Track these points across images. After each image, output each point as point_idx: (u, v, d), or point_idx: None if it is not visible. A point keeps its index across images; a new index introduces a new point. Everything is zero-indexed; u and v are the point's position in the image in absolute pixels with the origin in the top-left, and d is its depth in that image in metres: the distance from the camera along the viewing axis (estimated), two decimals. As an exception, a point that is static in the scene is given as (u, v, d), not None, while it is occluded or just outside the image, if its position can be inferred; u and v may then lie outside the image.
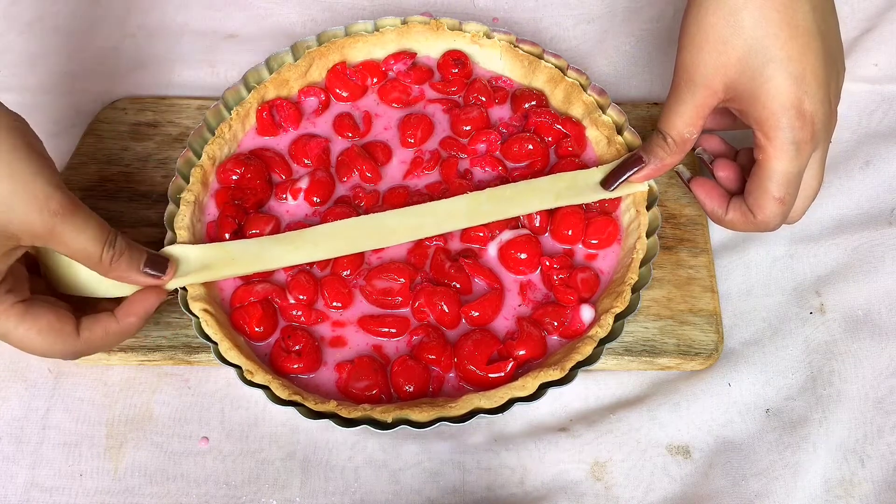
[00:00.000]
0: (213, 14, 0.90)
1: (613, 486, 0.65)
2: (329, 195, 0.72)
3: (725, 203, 0.66)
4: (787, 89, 0.58)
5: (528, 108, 0.76)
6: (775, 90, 0.59)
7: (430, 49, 0.80)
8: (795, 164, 0.60)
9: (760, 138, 0.61)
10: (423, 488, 0.65)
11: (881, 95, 0.83)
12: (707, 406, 0.68)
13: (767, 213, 0.62)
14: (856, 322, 0.71)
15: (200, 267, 0.65)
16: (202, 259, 0.66)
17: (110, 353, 0.68)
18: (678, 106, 0.63)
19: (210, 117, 0.74)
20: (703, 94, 0.62)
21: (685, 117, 0.63)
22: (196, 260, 0.66)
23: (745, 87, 0.60)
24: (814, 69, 0.59)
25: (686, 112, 0.63)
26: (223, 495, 0.64)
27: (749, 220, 0.64)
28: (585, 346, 0.62)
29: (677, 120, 0.64)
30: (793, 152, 0.60)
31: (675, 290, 0.71)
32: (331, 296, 0.66)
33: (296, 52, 0.78)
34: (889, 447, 0.66)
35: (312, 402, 0.60)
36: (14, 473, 0.65)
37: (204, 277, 0.65)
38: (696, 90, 0.62)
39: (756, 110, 0.60)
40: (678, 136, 0.64)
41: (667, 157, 0.66)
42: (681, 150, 0.65)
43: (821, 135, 0.61)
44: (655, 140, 0.66)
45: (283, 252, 0.67)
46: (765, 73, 0.59)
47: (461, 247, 0.70)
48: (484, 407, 0.61)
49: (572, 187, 0.70)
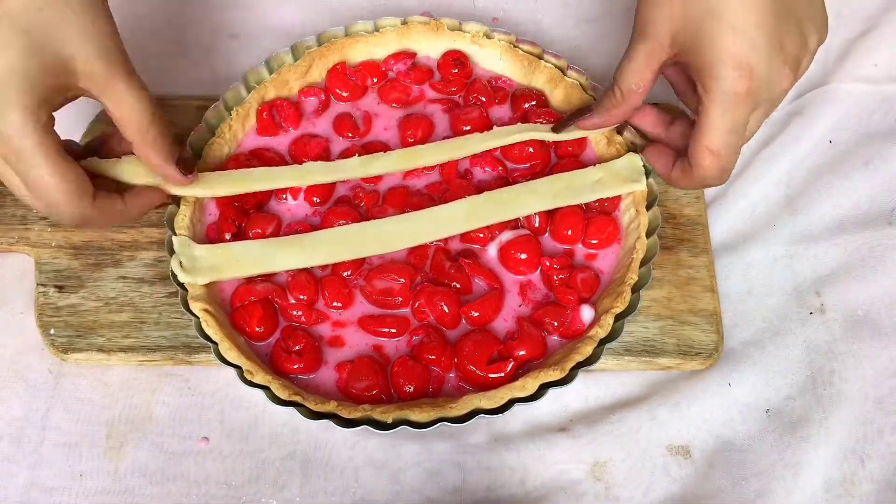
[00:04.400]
0: (213, 14, 0.90)
1: (613, 486, 0.65)
2: (329, 195, 0.72)
3: (672, 161, 0.66)
4: (724, 39, 0.57)
5: (527, 108, 0.76)
6: (712, 39, 0.57)
7: (430, 49, 0.80)
8: (730, 117, 0.58)
9: (699, 90, 0.60)
10: (423, 488, 0.65)
11: (881, 95, 0.83)
12: (707, 406, 0.68)
13: (704, 166, 0.61)
14: (856, 322, 0.71)
15: (207, 267, 0.66)
16: (208, 259, 0.66)
17: (110, 354, 0.68)
18: (628, 59, 0.63)
19: (210, 117, 0.74)
20: (650, 46, 0.61)
21: (634, 67, 0.63)
22: (202, 259, 0.66)
23: (687, 38, 0.59)
24: (759, 21, 0.57)
25: (635, 62, 0.63)
26: (223, 495, 0.64)
27: (688, 175, 0.64)
28: (585, 347, 0.62)
29: (627, 73, 0.63)
30: (728, 104, 0.58)
31: (675, 290, 0.71)
32: (331, 296, 0.66)
33: (296, 52, 0.78)
34: (889, 447, 0.66)
35: (312, 402, 0.60)
36: (14, 473, 0.65)
37: (211, 277, 0.65)
38: (645, 42, 0.61)
39: (695, 60, 0.59)
40: (626, 87, 0.64)
41: (612, 108, 0.66)
42: (627, 103, 0.65)
43: (762, 90, 0.58)
44: (605, 91, 0.67)
45: (286, 255, 0.67)
46: (705, 23, 0.57)
47: (461, 247, 0.70)
48: (484, 407, 0.61)
49: (570, 187, 0.70)
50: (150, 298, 0.70)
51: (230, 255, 0.67)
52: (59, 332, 0.68)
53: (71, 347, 0.68)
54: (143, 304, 0.70)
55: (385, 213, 0.70)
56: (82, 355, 0.68)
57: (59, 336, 0.68)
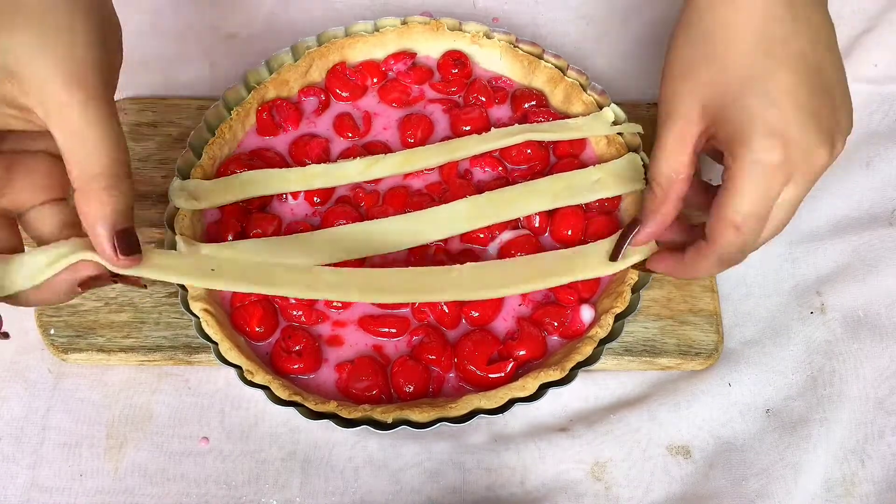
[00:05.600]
0: (213, 14, 0.90)
1: (613, 486, 0.65)
2: (329, 195, 0.72)
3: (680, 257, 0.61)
4: (757, 105, 0.53)
5: (527, 108, 0.76)
6: (744, 105, 0.54)
7: (430, 49, 0.80)
8: (759, 188, 0.54)
9: (727, 158, 0.55)
10: (423, 488, 0.65)
11: (881, 95, 0.83)
12: (707, 406, 0.68)
13: (722, 240, 0.56)
14: (856, 322, 0.71)
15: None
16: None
17: (110, 354, 0.68)
18: (660, 147, 0.58)
19: (210, 117, 0.74)
20: (680, 126, 0.57)
21: (667, 154, 0.58)
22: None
23: (717, 108, 0.55)
24: (796, 93, 0.53)
25: (667, 149, 0.58)
26: (223, 495, 0.64)
27: (702, 254, 0.58)
28: (585, 347, 0.62)
29: (661, 162, 0.58)
30: (758, 173, 0.53)
31: (675, 290, 0.71)
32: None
33: (296, 52, 0.78)
34: (890, 447, 0.66)
35: (312, 402, 0.60)
36: (14, 473, 0.65)
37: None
38: (675, 123, 0.57)
39: (724, 129, 0.55)
40: (665, 179, 0.58)
41: (659, 207, 0.59)
42: (672, 195, 0.59)
43: (797, 163, 0.54)
44: (645, 193, 0.61)
45: (287, 256, 0.67)
46: (735, 87, 0.54)
47: (461, 247, 0.70)
48: (484, 407, 0.61)
49: (571, 187, 0.70)
50: (150, 298, 0.70)
51: (232, 254, 0.66)
52: (59, 332, 0.68)
53: (71, 347, 0.68)
54: (143, 304, 0.70)
55: (385, 213, 0.70)
56: (82, 355, 0.68)
57: (59, 336, 0.68)
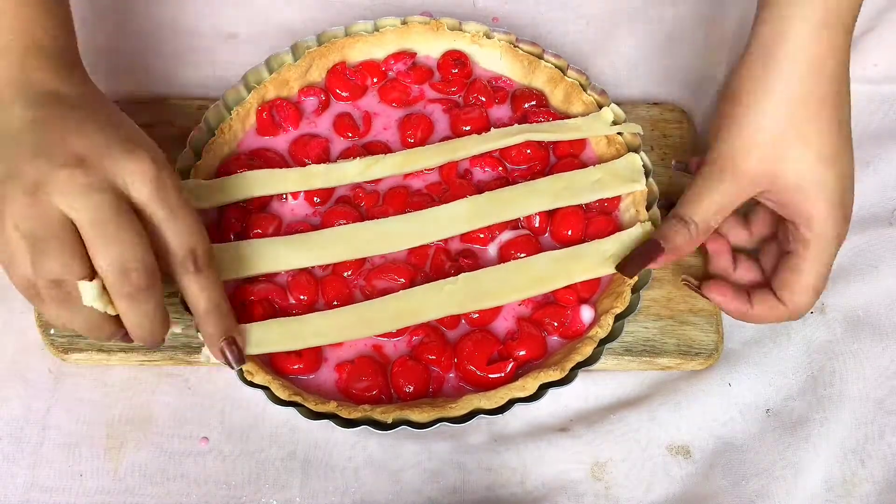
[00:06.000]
0: (213, 14, 0.90)
1: (613, 486, 0.65)
2: (329, 195, 0.72)
3: (745, 298, 0.65)
4: (835, 186, 0.59)
5: (527, 108, 0.76)
6: (823, 186, 0.59)
7: (430, 49, 0.80)
8: (834, 256, 0.62)
9: (803, 231, 0.61)
10: (423, 488, 0.65)
11: (881, 95, 0.83)
12: (707, 406, 0.68)
13: (802, 303, 0.63)
14: (856, 322, 0.71)
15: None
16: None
17: (110, 354, 0.68)
18: (708, 193, 0.62)
19: (210, 117, 0.74)
20: (739, 184, 0.61)
21: (715, 206, 0.62)
22: None
23: (776, 174, 0.60)
24: (850, 166, 0.60)
25: (717, 200, 0.61)
26: (223, 495, 0.64)
27: (779, 311, 0.63)
28: (585, 347, 0.62)
29: (705, 208, 0.62)
30: (835, 246, 0.61)
31: (675, 290, 0.71)
32: (331, 296, 0.66)
33: (296, 52, 0.78)
34: (890, 447, 0.66)
35: (312, 402, 0.60)
36: (14, 473, 0.65)
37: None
38: (735, 180, 0.61)
39: (799, 203, 0.60)
40: (703, 223, 0.62)
41: (691, 245, 0.63)
42: (703, 238, 0.63)
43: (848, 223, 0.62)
44: (675, 226, 0.63)
45: (287, 255, 0.67)
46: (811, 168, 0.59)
47: (461, 247, 0.70)
48: (484, 407, 0.61)
49: (571, 187, 0.70)
50: (150, 298, 0.70)
51: (233, 255, 0.67)
52: (59, 332, 0.68)
53: (71, 347, 0.68)
54: (143, 304, 0.70)
55: (385, 213, 0.70)
56: (82, 355, 0.68)
57: (59, 336, 0.68)
